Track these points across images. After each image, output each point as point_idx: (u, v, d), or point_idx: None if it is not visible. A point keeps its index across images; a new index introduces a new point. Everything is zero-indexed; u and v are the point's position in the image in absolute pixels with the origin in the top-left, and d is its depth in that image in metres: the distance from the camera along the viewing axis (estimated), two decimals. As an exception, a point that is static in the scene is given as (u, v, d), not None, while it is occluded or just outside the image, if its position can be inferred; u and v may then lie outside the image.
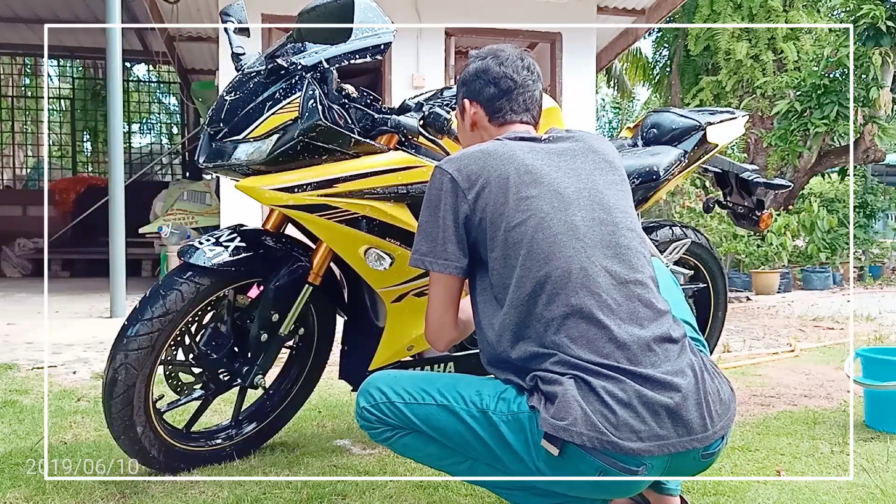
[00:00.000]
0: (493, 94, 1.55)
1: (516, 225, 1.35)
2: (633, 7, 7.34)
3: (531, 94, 1.58)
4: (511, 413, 1.29)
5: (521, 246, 1.34)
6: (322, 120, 1.81)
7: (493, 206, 1.37)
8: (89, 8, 8.90)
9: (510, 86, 1.55)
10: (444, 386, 1.38)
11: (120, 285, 5.10)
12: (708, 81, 9.64)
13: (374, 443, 2.26)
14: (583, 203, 1.40)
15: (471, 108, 1.59)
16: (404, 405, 1.38)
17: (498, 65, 1.55)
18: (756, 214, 2.72)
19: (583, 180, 1.43)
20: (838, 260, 8.52)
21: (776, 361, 3.68)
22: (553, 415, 1.23)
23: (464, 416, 1.33)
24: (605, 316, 1.30)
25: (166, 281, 1.88)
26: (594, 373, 1.25)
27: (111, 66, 5.12)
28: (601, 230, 1.38)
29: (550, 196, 1.38)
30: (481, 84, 1.56)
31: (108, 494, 1.85)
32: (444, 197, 1.41)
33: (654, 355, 1.29)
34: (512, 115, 1.56)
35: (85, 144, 14.65)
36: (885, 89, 8.01)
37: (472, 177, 1.40)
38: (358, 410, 1.43)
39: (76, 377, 3.22)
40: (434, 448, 1.38)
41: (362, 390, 1.44)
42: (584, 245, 1.35)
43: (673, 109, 2.60)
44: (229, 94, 1.93)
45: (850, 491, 1.86)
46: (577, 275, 1.32)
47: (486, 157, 1.42)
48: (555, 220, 1.35)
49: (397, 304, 2.05)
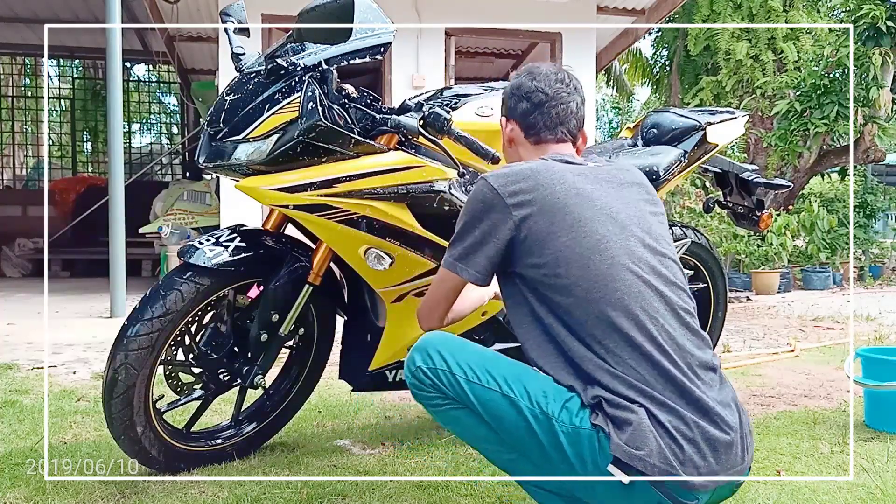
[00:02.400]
0: (526, 109, 1.56)
1: (569, 244, 1.34)
2: (633, 7, 7.34)
3: (565, 105, 1.56)
4: (572, 426, 1.28)
5: (575, 266, 1.33)
6: (322, 120, 1.81)
7: (543, 225, 1.36)
8: (89, 8, 8.90)
9: (542, 99, 1.54)
10: (511, 376, 1.34)
11: (120, 285, 5.10)
12: (708, 81, 9.63)
13: (375, 442, 2.27)
14: (635, 230, 1.41)
15: (507, 126, 1.60)
16: (466, 382, 1.34)
17: (531, 80, 1.56)
18: (756, 214, 2.72)
19: (632, 207, 1.44)
20: (838, 260, 8.52)
21: (776, 361, 3.68)
22: (628, 442, 1.24)
23: (526, 414, 1.30)
24: (664, 341, 1.32)
25: (166, 281, 1.88)
26: (660, 403, 1.27)
27: (111, 66, 5.12)
28: (653, 258, 1.40)
29: (605, 219, 1.38)
30: (515, 100, 1.57)
31: (108, 494, 1.85)
32: (489, 211, 1.39)
33: (704, 385, 1.32)
34: (546, 132, 1.55)
35: (85, 144, 14.65)
36: (885, 89, 8.01)
37: (519, 194, 1.38)
38: (411, 367, 1.39)
39: (76, 377, 3.22)
40: (484, 431, 1.35)
41: (420, 347, 1.40)
42: (640, 270, 1.36)
43: (673, 109, 2.60)
44: (229, 94, 1.93)
45: (850, 491, 1.86)
46: (636, 298, 1.33)
47: (535, 175, 1.40)
48: (611, 243, 1.36)
49: (397, 304, 2.05)
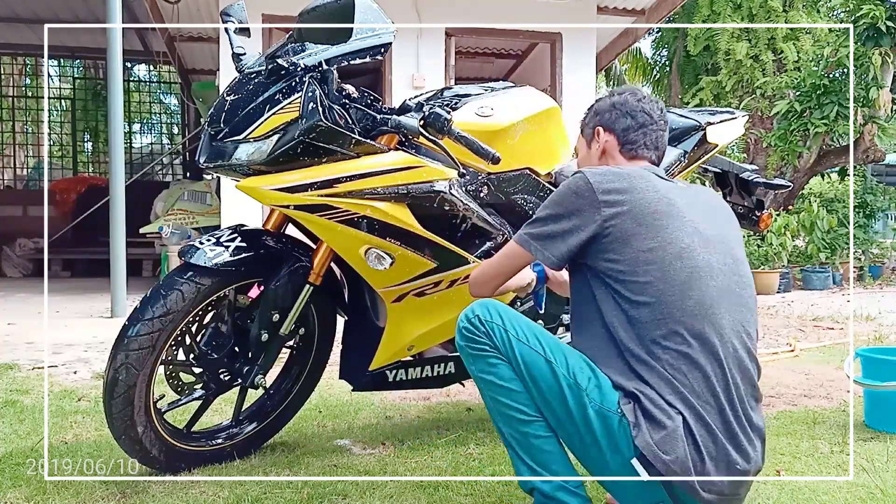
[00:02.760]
0: (629, 126, 1.61)
1: (654, 248, 1.39)
2: (633, 7, 7.34)
3: (661, 133, 1.64)
4: (601, 405, 1.36)
5: (654, 268, 1.38)
6: (322, 120, 1.81)
7: (629, 226, 1.40)
8: (89, 8, 8.90)
9: (647, 121, 1.61)
10: (554, 345, 1.45)
11: (121, 285, 5.10)
12: (708, 81, 9.64)
13: (375, 442, 2.27)
14: (719, 248, 1.45)
15: (604, 136, 1.64)
16: (516, 340, 1.44)
17: (637, 100, 1.63)
18: (756, 214, 2.72)
19: (718, 228, 1.49)
20: (838, 260, 8.52)
21: (776, 361, 3.68)
22: (658, 444, 1.30)
23: (561, 380, 1.39)
24: (723, 357, 1.36)
25: (167, 281, 1.88)
26: (698, 415, 1.32)
27: (112, 66, 5.12)
28: (732, 278, 1.44)
29: (691, 231, 1.42)
30: (618, 114, 1.63)
31: (108, 494, 1.85)
32: (580, 204, 1.44)
33: (744, 412, 1.38)
34: (643, 150, 1.61)
35: (85, 144, 14.65)
36: (884, 89, 8.01)
37: (612, 193, 1.43)
38: (469, 315, 1.49)
39: (77, 377, 3.23)
40: (517, 385, 1.44)
41: (481, 303, 1.50)
42: (717, 285, 1.40)
43: (673, 109, 2.60)
44: (230, 94, 1.94)
45: (850, 491, 1.86)
46: (707, 311, 1.37)
47: (629, 178, 1.45)
48: (695, 254, 1.40)
49: (397, 304, 2.05)
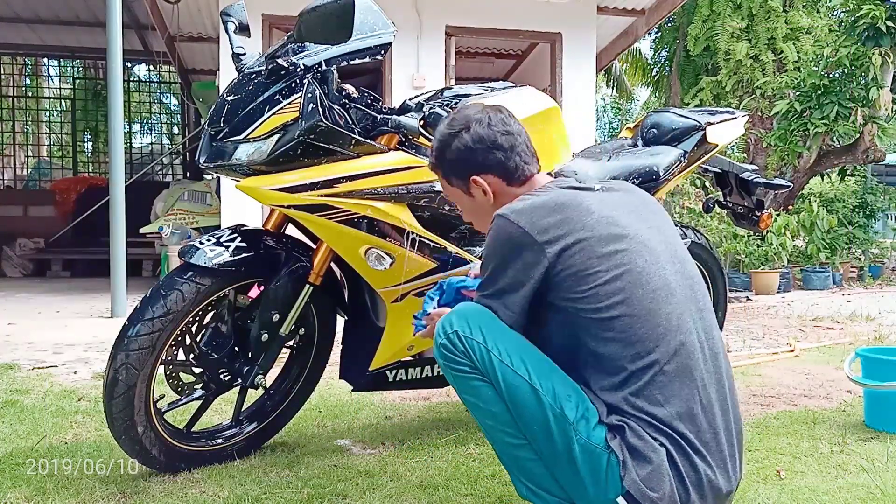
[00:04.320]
0: (501, 158, 1.47)
1: (610, 280, 1.30)
2: (633, 7, 7.34)
3: (525, 137, 1.51)
4: (587, 440, 1.28)
5: (617, 303, 1.30)
6: (323, 120, 1.81)
7: (581, 261, 1.30)
8: (89, 8, 8.91)
9: (510, 139, 1.48)
10: (541, 370, 1.33)
11: (121, 285, 5.10)
12: (708, 81, 9.63)
13: (375, 442, 2.27)
14: (667, 257, 1.38)
15: (484, 182, 1.49)
16: (499, 362, 1.33)
17: (486, 128, 1.47)
18: (756, 214, 2.72)
19: (657, 231, 1.41)
20: (838, 260, 8.52)
21: (776, 361, 3.68)
22: (644, 480, 1.25)
23: (547, 410, 1.29)
24: (698, 375, 1.31)
25: (167, 281, 1.88)
26: (678, 446, 1.27)
27: (112, 66, 5.12)
28: (685, 284, 1.39)
29: (641, 249, 1.34)
30: (483, 153, 1.47)
31: (108, 494, 1.85)
32: (520, 251, 1.33)
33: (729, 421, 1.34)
34: (529, 167, 1.49)
35: (86, 144, 14.66)
36: (885, 89, 8.01)
37: (550, 229, 1.32)
38: (447, 329, 1.37)
39: (77, 377, 3.22)
40: (500, 409, 1.33)
41: (461, 313, 1.38)
42: (677, 300, 1.34)
43: (673, 109, 2.61)
44: (230, 94, 1.94)
45: (850, 491, 1.86)
46: (675, 331, 1.31)
47: (561, 208, 1.34)
48: (651, 276, 1.33)
49: (397, 304, 2.05)
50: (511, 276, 1.34)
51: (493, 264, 1.37)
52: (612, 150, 2.50)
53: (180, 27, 7.59)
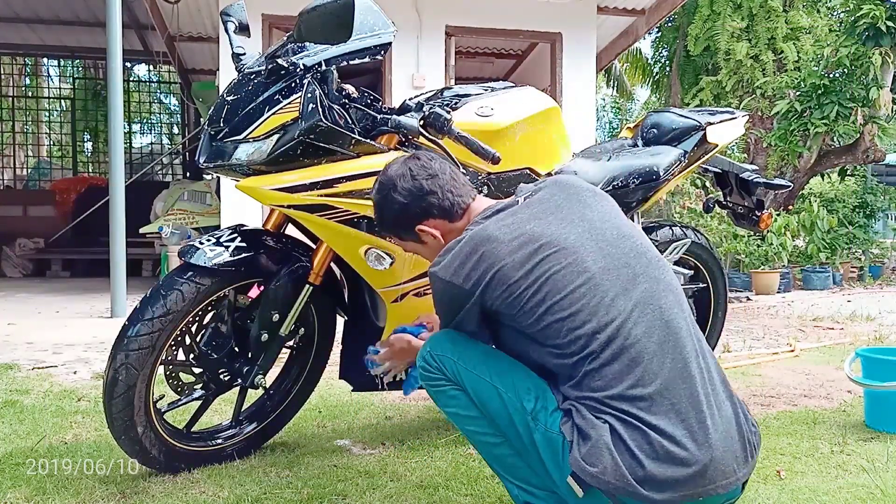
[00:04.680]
0: (434, 202, 1.54)
1: (532, 294, 1.36)
2: (633, 7, 7.34)
3: (451, 171, 1.58)
4: (546, 427, 1.35)
5: (543, 313, 1.35)
6: (322, 120, 1.81)
7: (503, 289, 1.38)
8: (89, 8, 8.91)
9: (436, 182, 1.54)
10: (503, 369, 1.44)
11: (120, 285, 5.10)
12: (708, 81, 9.63)
13: (375, 442, 2.27)
14: (589, 246, 1.40)
15: (432, 229, 1.57)
16: (464, 370, 1.45)
17: (410, 181, 1.54)
18: (756, 214, 2.72)
19: (576, 224, 1.43)
20: (838, 260, 8.53)
21: (776, 361, 3.68)
22: (584, 457, 1.28)
23: (508, 406, 1.39)
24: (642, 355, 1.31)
25: (167, 281, 1.88)
26: (627, 423, 1.27)
27: (112, 66, 5.12)
28: (618, 264, 1.39)
29: (555, 254, 1.37)
30: (419, 204, 1.54)
31: (108, 494, 1.85)
32: (455, 301, 1.44)
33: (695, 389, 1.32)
34: (463, 199, 1.56)
35: (85, 144, 14.67)
36: (885, 89, 8.01)
37: (472, 275, 1.40)
38: (424, 352, 1.52)
39: (77, 377, 3.22)
40: (475, 412, 1.45)
41: (434, 338, 1.53)
42: (606, 289, 1.35)
43: (673, 109, 2.60)
44: (230, 94, 1.94)
45: (850, 491, 1.86)
46: (605, 324, 1.32)
47: (476, 250, 1.40)
48: (570, 275, 1.36)
49: (397, 304, 2.05)
50: (459, 317, 1.47)
51: (443, 312, 1.52)
52: (612, 150, 2.50)
53: (180, 27, 7.59)
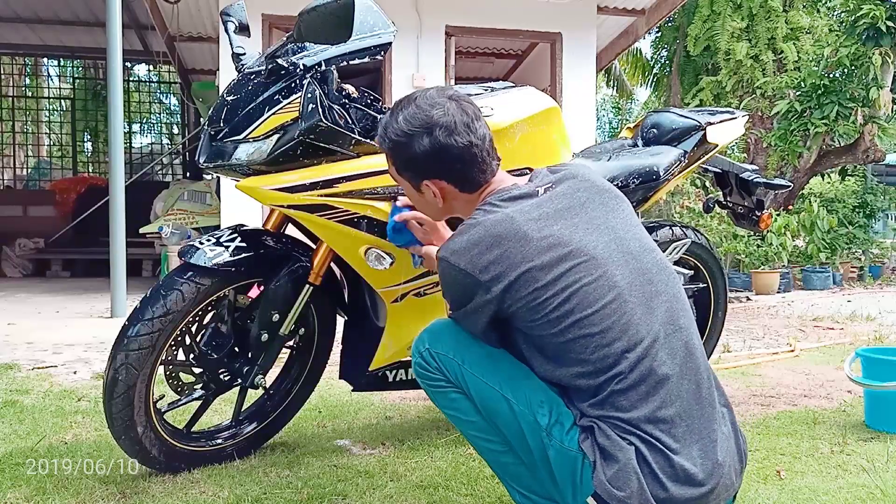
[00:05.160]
0: (459, 170, 1.40)
1: (560, 304, 1.28)
2: (633, 7, 7.34)
3: (483, 139, 1.40)
4: (561, 444, 1.29)
5: (570, 326, 1.28)
6: (322, 120, 1.81)
7: (527, 293, 1.29)
8: (89, 8, 8.91)
9: (473, 153, 1.38)
10: (514, 376, 1.36)
11: (120, 285, 5.11)
12: (708, 81, 9.64)
13: (375, 442, 2.27)
14: (616, 258, 1.33)
15: (435, 187, 1.43)
16: (470, 375, 1.37)
17: (447, 136, 1.36)
18: (756, 214, 2.72)
19: (603, 232, 1.35)
20: (838, 260, 8.53)
21: (776, 361, 3.68)
22: (610, 480, 1.25)
23: (519, 419, 1.32)
24: (665, 378, 1.29)
25: (167, 281, 1.88)
26: (651, 445, 1.26)
27: (112, 66, 5.12)
28: (642, 280, 1.34)
29: (585, 264, 1.30)
30: (435, 162, 1.39)
31: (108, 494, 1.85)
32: (467, 291, 1.33)
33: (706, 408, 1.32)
34: (485, 176, 1.42)
35: (85, 144, 14.67)
36: (885, 89, 8.01)
37: (491, 267, 1.29)
38: (420, 348, 1.42)
39: (77, 377, 3.22)
40: (477, 418, 1.38)
41: (433, 330, 1.42)
42: (633, 306, 1.30)
43: (673, 109, 2.60)
44: (230, 94, 1.94)
45: (850, 491, 1.86)
46: (635, 332, 1.29)
47: (499, 242, 1.29)
48: (601, 290, 1.29)
49: (397, 304, 2.05)
50: (469, 308, 1.36)
51: (450, 297, 1.40)
52: (612, 150, 2.50)
53: (180, 27, 7.59)
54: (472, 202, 1.44)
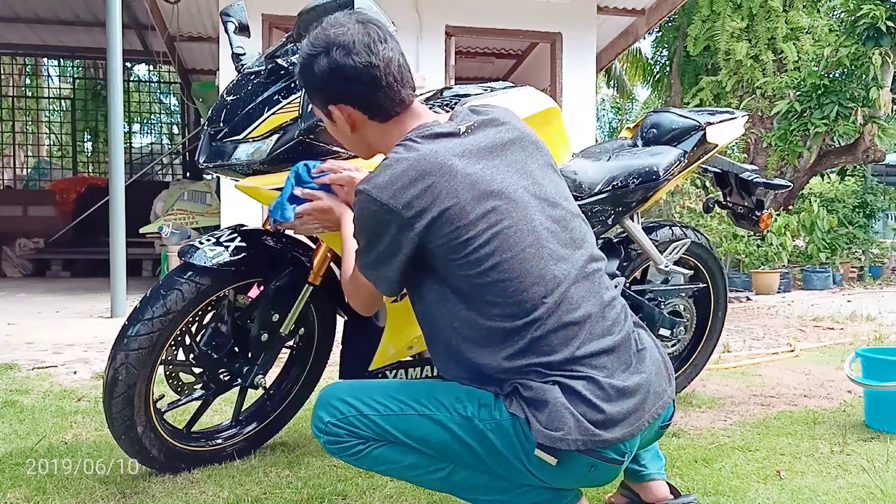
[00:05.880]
0: (360, 92, 1.34)
1: (481, 245, 1.27)
2: (633, 7, 7.34)
3: (397, 64, 1.35)
4: (494, 420, 1.28)
5: (490, 268, 1.27)
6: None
7: (450, 230, 1.26)
8: (89, 8, 8.91)
9: (373, 74, 1.32)
10: (420, 394, 1.34)
11: (120, 285, 5.11)
12: (708, 81, 9.64)
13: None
14: (534, 204, 1.33)
15: (340, 113, 1.38)
16: (380, 417, 1.33)
17: (346, 56, 1.31)
18: (756, 214, 2.72)
19: (523, 176, 1.35)
20: (838, 260, 8.53)
21: (776, 361, 3.68)
22: (546, 425, 1.23)
23: (449, 425, 1.30)
24: (579, 314, 1.29)
25: (167, 281, 1.88)
26: (576, 377, 1.26)
27: (112, 66, 5.13)
28: (556, 227, 1.35)
29: (506, 205, 1.30)
30: (339, 86, 1.34)
31: (108, 494, 1.85)
32: (386, 226, 1.28)
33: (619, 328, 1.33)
34: (395, 106, 1.37)
35: (85, 144, 14.67)
36: (885, 89, 8.02)
37: (414, 204, 1.26)
38: (320, 426, 1.36)
39: (77, 377, 3.22)
40: (412, 458, 1.34)
41: (322, 403, 1.38)
42: (551, 251, 1.31)
43: (672, 109, 2.60)
44: (229, 94, 1.94)
45: (850, 491, 1.86)
46: (552, 289, 1.29)
47: (423, 177, 1.26)
48: (521, 233, 1.29)
49: (397, 304, 2.04)
50: (383, 248, 1.31)
51: (365, 238, 1.34)
52: (611, 150, 2.50)
53: (180, 27, 7.59)
54: (387, 133, 1.40)
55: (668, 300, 2.58)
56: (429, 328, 1.40)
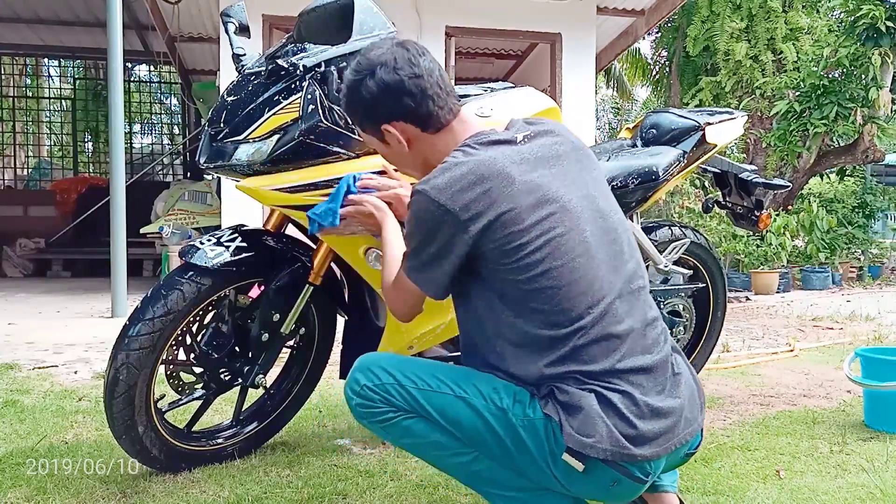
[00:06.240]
0: (411, 105, 1.37)
1: (533, 251, 1.28)
2: (633, 7, 7.35)
3: (439, 74, 1.40)
4: (527, 417, 1.29)
5: (541, 273, 1.29)
6: (323, 121, 1.81)
7: (504, 235, 1.28)
8: (89, 8, 8.91)
9: (422, 85, 1.37)
10: (460, 377, 1.35)
11: (121, 285, 5.11)
12: (707, 82, 9.64)
13: (375, 442, 2.27)
14: (587, 215, 1.36)
15: (396, 131, 1.40)
16: (417, 391, 1.34)
17: (391, 73, 1.36)
18: (755, 214, 2.73)
19: (578, 187, 1.38)
20: (837, 260, 8.53)
21: (775, 361, 3.68)
22: (578, 430, 1.25)
23: (483, 412, 1.31)
24: (622, 328, 1.31)
25: (168, 281, 1.89)
26: (612, 390, 1.27)
27: (112, 66, 5.13)
28: (607, 240, 1.37)
29: (560, 214, 1.32)
30: (392, 101, 1.37)
31: (108, 494, 1.85)
32: (441, 227, 1.29)
33: (659, 351, 1.35)
34: (445, 114, 1.40)
35: (86, 144, 14.67)
36: (884, 89, 8.02)
37: (471, 207, 1.28)
38: (355, 388, 1.36)
39: (77, 377, 3.23)
40: (439, 436, 1.34)
41: (362, 368, 1.38)
42: (600, 263, 1.33)
43: (672, 110, 2.61)
44: (230, 94, 1.94)
45: (850, 491, 1.86)
46: (598, 301, 1.30)
47: (482, 181, 1.29)
48: (572, 243, 1.31)
49: (398, 304, 2.05)
50: (435, 249, 1.32)
51: (417, 240, 1.35)
52: (611, 150, 2.50)
53: (180, 27, 7.60)
54: (442, 143, 1.41)
55: (667, 300, 2.58)
56: (473, 333, 1.40)
